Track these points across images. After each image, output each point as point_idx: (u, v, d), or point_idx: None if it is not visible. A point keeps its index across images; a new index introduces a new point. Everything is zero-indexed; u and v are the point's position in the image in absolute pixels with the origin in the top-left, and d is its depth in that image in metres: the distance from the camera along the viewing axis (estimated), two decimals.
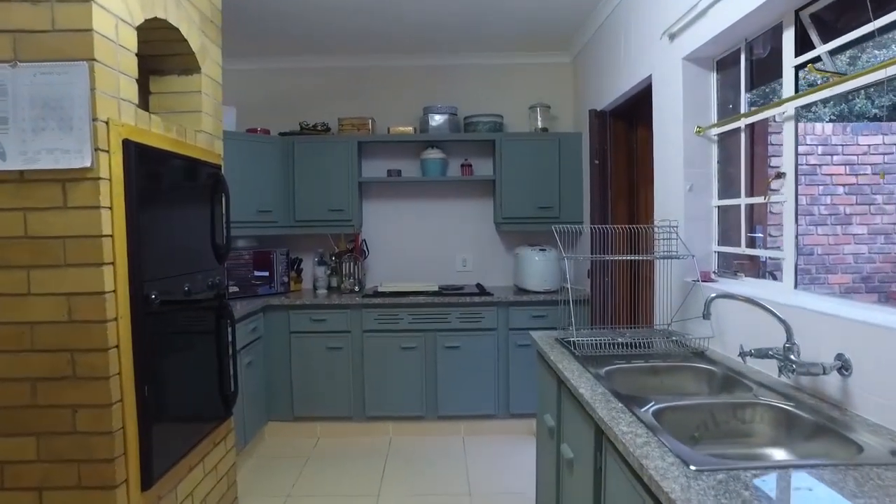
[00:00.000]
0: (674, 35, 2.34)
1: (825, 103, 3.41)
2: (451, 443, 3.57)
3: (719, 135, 2.26)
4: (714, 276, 2.23)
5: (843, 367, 1.37)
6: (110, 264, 1.67)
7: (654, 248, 2.38)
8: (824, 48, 1.64)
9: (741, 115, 2.07)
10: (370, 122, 3.96)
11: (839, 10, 1.66)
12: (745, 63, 2.07)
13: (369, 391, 3.63)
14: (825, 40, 1.66)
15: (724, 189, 2.28)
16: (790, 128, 1.79)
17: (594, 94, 3.55)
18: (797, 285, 1.79)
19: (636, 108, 3.15)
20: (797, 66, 1.77)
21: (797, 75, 1.77)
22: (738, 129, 2.13)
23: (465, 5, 3.26)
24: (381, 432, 3.70)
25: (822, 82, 1.63)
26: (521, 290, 3.80)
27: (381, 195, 4.22)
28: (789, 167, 1.80)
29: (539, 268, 3.72)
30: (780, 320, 1.50)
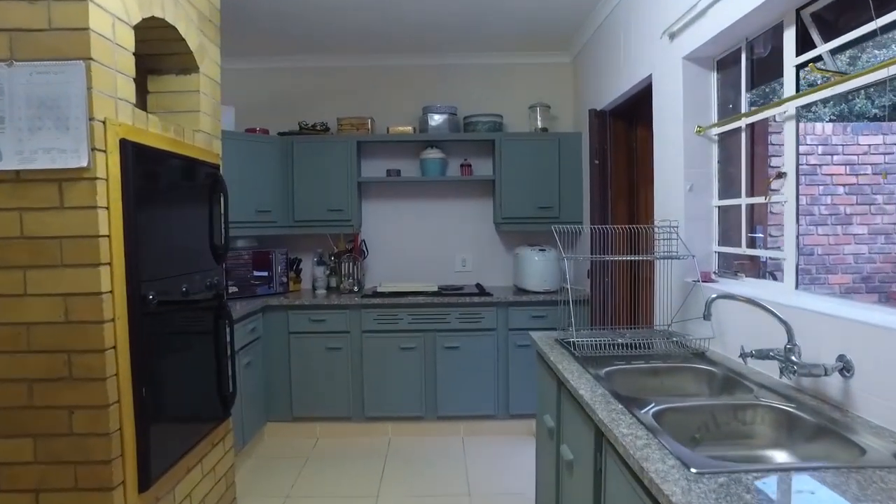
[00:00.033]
0: (674, 34, 2.33)
1: (825, 103, 3.40)
2: (450, 443, 3.56)
3: (720, 134, 2.25)
4: (714, 277, 2.23)
5: (845, 368, 1.36)
6: (107, 265, 1.66)
7: (655, 248, 2.37)
8: (826, 47, 1.63)
9: (742, 114, 2.06)
10: (369, 121, 3.95)
11: (840, 9, 1.65)
12: (746, 62, 2.06)
13: (368, 391, 3.63)
14: (826, 39, 1.66)
15: (725, 189, 2.27)
16: (791, 127, 1.79)
17: (594, 94, 3.54)
18: (798, 286, 1.79)
19: (636, 108, 3.14)
20: (798, 66, 1.76)
21: (798, 75, 1.76)
22: (738, 129, 2.13)
23: (465, 5, 3.25)
24: (380, 433, 3.69)
25: (822, 82, 1.62)
26: (520, 291, 3.79)
27: (380, 195, 4.21)
28: (790, 167, 1.80)
29: (539, 268, 3.71)
30: (781, 321, 1.49)
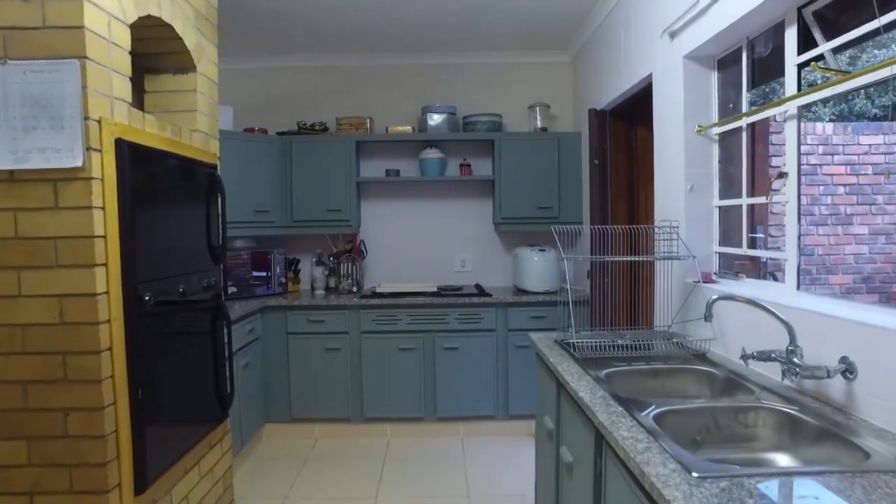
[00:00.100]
0: (674, 33, 2.32)
1: (825, 103, 3.39)
2: (449, 444, 3.55)
3: (720, 134, 2.23)
4: (715, 277, 2.21)
5: (848, 370, 1.35)
6: (103, 265, 1.64)
7: (655, 248, 2.35)
8: (828, 46, 1.62)
9: (742, 114, 2.05)
10: (368, 121, 3.93)
11: (842, 7, 1.64)
12: (747, 62, 2.05)
13: (367, 392, 3.61)
14: (828, 38, 1.64)
15: (725, 189, 2.25)
16: (792, 127, 1.77)
17: (594, 94, 3.53)
18: (800, 286, 1.77)
19: (636, 108, 3.12)
20: (800, 65, 1.74)
21: (800, 74, 1.75)
22: (738, 129, 2.11)
23: (465, 5, 3.23)
24: (379, 434, 3.67)
25: (822, 81, 1.60)
26: (520, 291, 3.78)
27: (379, 195, 4.19)
28: (791, 167, 1.78)
29: (538, 268, 3.69)
30: (782, 322, 1.48)
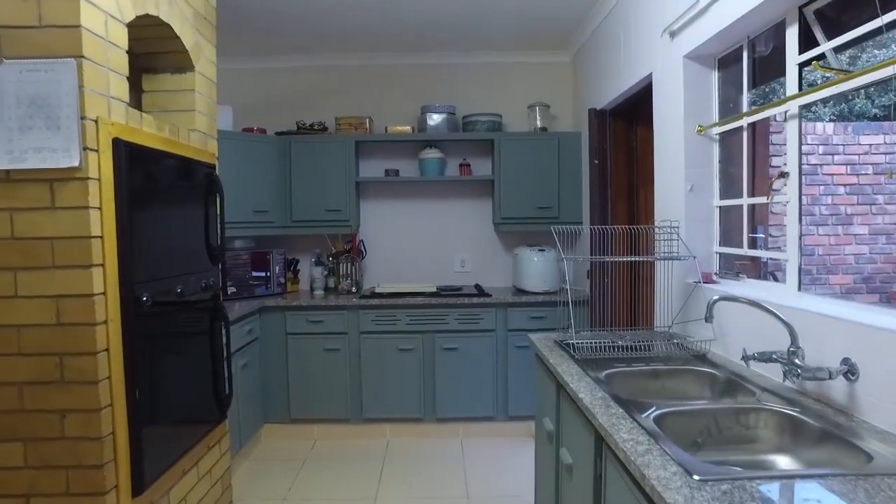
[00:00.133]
0: (674, 33, 2.30)
1: (825, 103, 3.38)
2: (449, 445, 3.54)
3: (720, 134, 2.22)
4: (715, 278, 2.20)
5: (850, 371, 1.34)
6: (100, 266, 1.63)
7: (655, 248, 2.34)
8: (829, 45, 1.61)
9: (743, 113, 2.03)
10: (368, 121, 3.92)
11: (843, 6, 1.63)
12: (748, 61, 2.04)
13: (367, 393, 3.60)
14: (830, 37, 1.63)
15: (725, 189, 2.24)
16: (794, 126, 1.76)
17: (594, 93, 3.52)
18: (801, 287, 1.76)
19: (636, 108, 3.11)
20: (801, 64, 1.73)
21: (801, 73, 1.74)
22: (739, 129, 2.10)
23: (464, 4, 3.22)
24: (378, 434, 3.66)
25: (821, 82, 1.59)
26: (519, 291, 3.77)
27: (378, 195, 4.18)
28: (793, 167, 1.77)
29: (538, 268, 3.68)
30: (784, 323, 1.47)
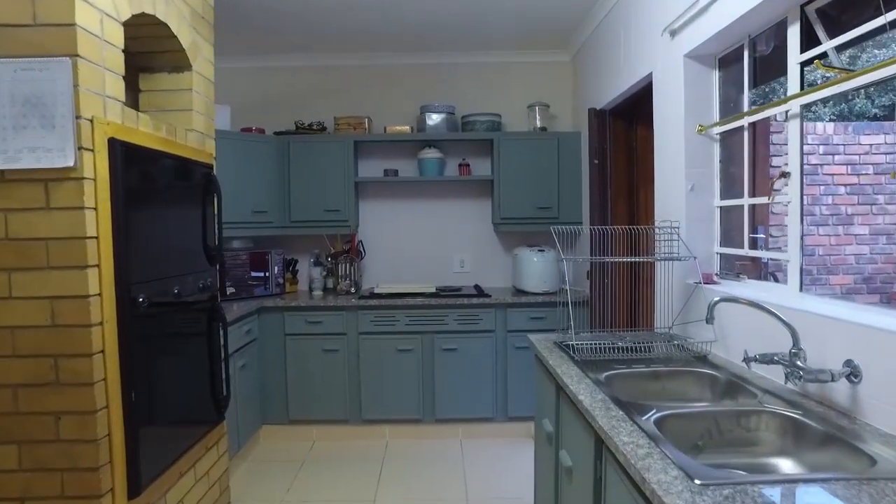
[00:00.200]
0: (675, 32, 2.29)
1: (825, 103, 3.37)
2: (448, 446, 3.52)
3: (721, 134, 2.21)
4: (716, 278, 2.19)
5: (853, 373, 1.32)
6: (95, 267, 1.62)
7: (655, 249, 2.33)
8: (831, 43, 1.59)
9: (744, 113, 2.02)
10: (367, 121, 3.91)
11: (845, 4, 1.61)
12: (749, 60, 2.02)
13: (365, 394, 3.59)
14: (831, 36, 1.62)
15: (726, 189, 2.23)
16: (795, 126, 1.75)
17: (593, 93, 3.51)
18: (802, 288, 1.75)
19: (636, 107, 3.10)
20: (803, 63, 1.72)
21: (802, 72, 1.72)
22: (739, 128, 2.09)
23: (464, 4, 3.21)
24: (377, 436, 3.65)
25: (821, 82, 1.58)
26: (519, 292, 3.75)
27: (377, 195, 4.17)
28: (794, 167, 1.76)
29: (538, 269, 3.67)
30: (785, 325, 1.46)
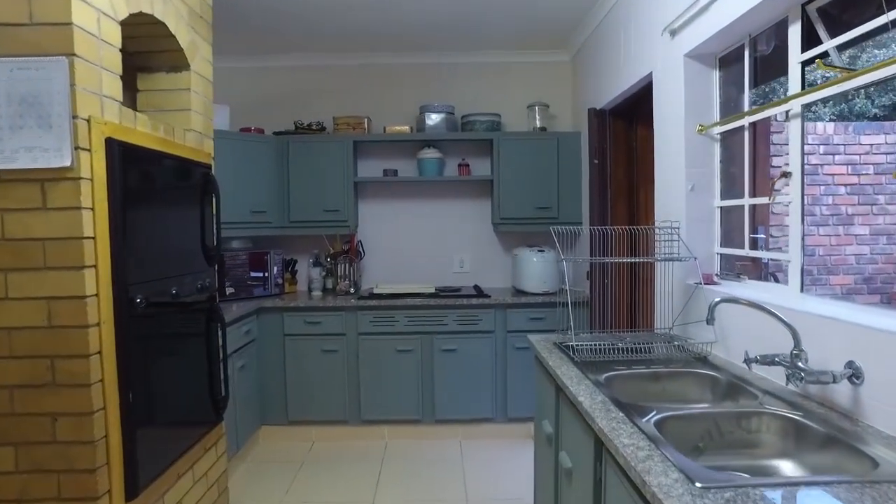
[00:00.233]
0: (675, 31, 2.28)
1: (825, 103, 3.36)
2: (447, 447, 3.51)
3: (721, 133, 2.20)
4: (717, 279, 2.18)
5: (854, 375, 1.31)
6: (92, 267, 1.61)
7: (655, 249, 2.32)
8: (833, 42, 1.58)
9: (745, 112, 2.01)
10: (366, 121, 3.90)
11: (846, 3, 1.60)
12: (749, 60, 2.02)
13: (365, 394, 3.58)
14: (833, 35, 1.61)
15: (726, 189, 2.22)
16: (796, 126, 1.74)
17: (593, 93, 3.50)
18: (803, 288, 1.74)
19: (636, 107, 3.09)
20: (804, 62, 1.71)
21: (803, 71, 1.72)
22: (740, 128, 2.08)
23: (464, 4, 3.20)
24: (376, 436, 3.64)
25: (821, 82, 1.57)
26: (519, 292, 3.74)
27: (377, 195, 4.16)
28: (795, 166, 1.75)
29: (537, 269, 3.66)
30: (786, 326, 1.45)
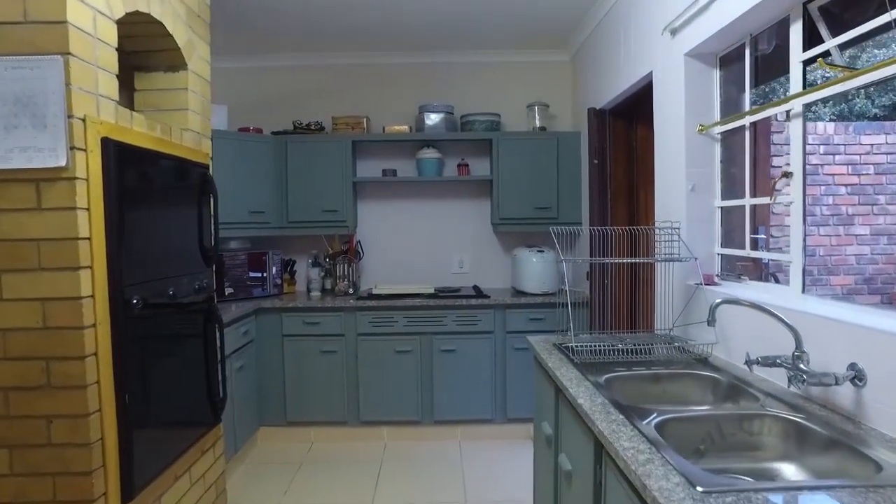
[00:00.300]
0: (675, 30, 2.27)
1: (825, 103, 3.35)
2: (447, 448, 3.50)
3: (722, 133, 2.19)
4: (717, 280, 2.17)
5: (857, 377, 1.30)
6: (87, 268, 1.59)
7: (655, 250, 2.31)
8: (834, 41, 1.57)
9: (746, 112, 2.00)
10: (365, 120, 3.89)
11: (848, 2, 1.59)
12: (750, 59, 2.00)
13: (364, 395, 3.56)
14: (834, 34, 1.60)
15: (727, 189, 2.21)
16: (797, 125, 1.72)
17: (593, 93, 3.48)
18: (805, 289, 1.73)
19: (636, 107, 3.08)
20: (805, 62, 1.70)
21: (805, 71, 1.70)
22: (741, 128, 2.06)
23: (464, 4, 3.18)
24: (375, 437, 3.62)
25: (821, 82, 1.56)
26: (518, 293, 3.73)
27: (376, 195, 4.15)
28: (796, 166, 1.73)
29: (537, 270, 3.65)
30: (788, 327, 1.43)
